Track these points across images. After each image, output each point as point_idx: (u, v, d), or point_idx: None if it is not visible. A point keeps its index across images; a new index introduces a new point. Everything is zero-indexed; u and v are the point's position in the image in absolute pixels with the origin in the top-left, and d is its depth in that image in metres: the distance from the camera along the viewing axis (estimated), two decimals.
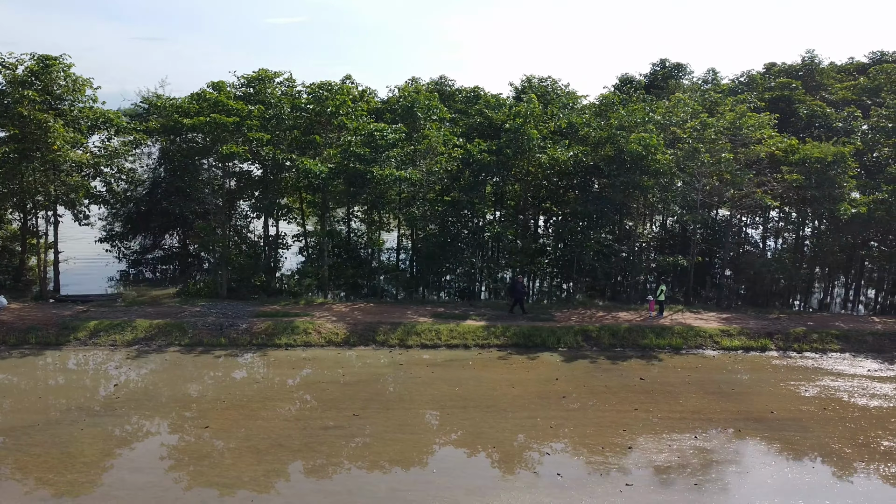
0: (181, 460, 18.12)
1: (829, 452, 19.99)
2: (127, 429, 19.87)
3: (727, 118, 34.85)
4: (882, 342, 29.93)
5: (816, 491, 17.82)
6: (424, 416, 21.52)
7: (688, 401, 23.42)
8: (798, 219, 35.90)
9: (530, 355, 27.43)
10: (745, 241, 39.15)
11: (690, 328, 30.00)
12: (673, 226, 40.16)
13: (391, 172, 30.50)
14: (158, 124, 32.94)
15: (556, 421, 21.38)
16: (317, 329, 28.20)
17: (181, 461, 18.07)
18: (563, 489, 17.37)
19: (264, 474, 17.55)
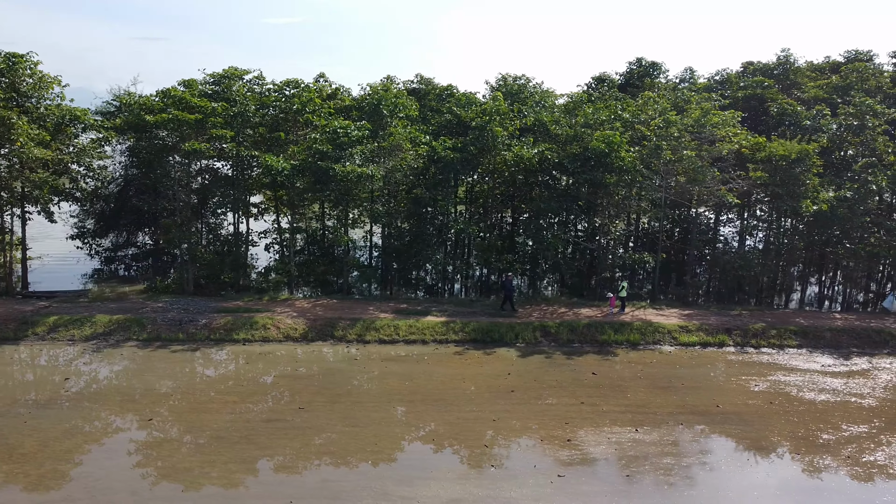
0: (117, 451, 18.31)
1: (766, 445, 20.18)
2: (70, 421, 20.04)
3: (693, 116, 35.04)
4: (839, 338, 30.12)
5: (745, 482, 18.02)
6: (370, 409, 21.69)
7: (635, 395, 23.60)
8: (763, 216, 36.02)
9: (487, 350, 27.61)
10: (714, 239, 39.26)
11: (650, 324, 30.17)
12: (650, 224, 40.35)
13: (353, 169, 30.68)
14: (122, 121, 33.12)
15: (501, 414, 21.57)
16: (276, 324, 28.39)
17: (117, 452, 18.26)
18: (495, 480, 17.56)
19: (199, 465, 17.73)
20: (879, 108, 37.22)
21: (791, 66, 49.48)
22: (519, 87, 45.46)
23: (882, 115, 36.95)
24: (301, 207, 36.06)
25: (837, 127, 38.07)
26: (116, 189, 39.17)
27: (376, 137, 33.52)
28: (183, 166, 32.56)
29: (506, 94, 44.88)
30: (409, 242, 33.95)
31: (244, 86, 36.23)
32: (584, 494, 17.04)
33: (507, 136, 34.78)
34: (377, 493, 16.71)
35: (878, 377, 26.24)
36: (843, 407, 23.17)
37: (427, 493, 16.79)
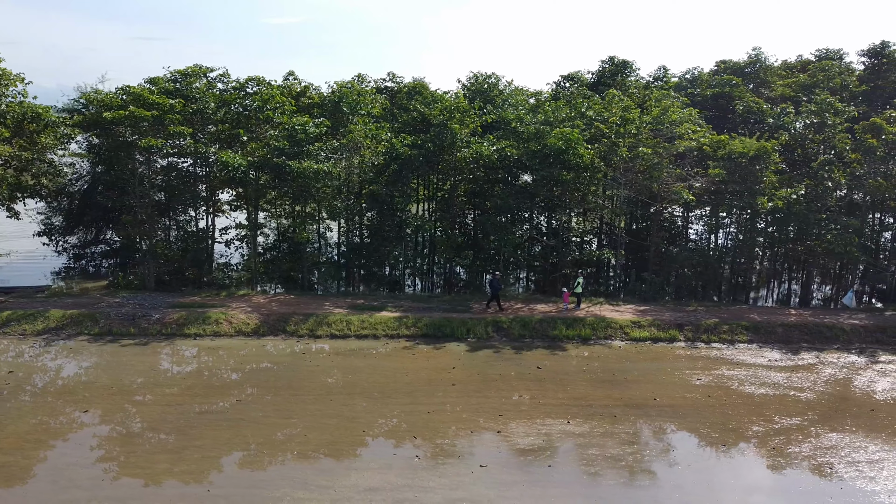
0: (45, 442, 18.54)
1: (694, 437, 20.42)
2: (8, 413, 20.25)
3: (653, 114, 35.27)
4: (791, 333, 30.33)
5: (666, 471, 18.25)
6: (307, 402, 21.92)
7: (575, 388, 23.82)
8: (722, 213, 36.23)
9: (437, 345, 27.83)
10: (679, 236, 39.50)
11: (603, 319, 30.39)
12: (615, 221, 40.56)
13: (310, 166, 30.91)
14: (80, 118, 33.34)
15: (436, 407, 21.79)
16: (228, 319, 28.61)
17: (45, 443, 18.49)
18: (416, 470, 17.78)
19: (123, 455, 17.97)
20: (840, 106, 37.42)
21: (762, 64, 49.72)
22: (488, 85, 45.62)
23: (842, 112, 37.14)
24: (264, 204, 36.27)
25: (800, 125, 38.25)
26: (84, 186, 39.42)
27: (336, 135, 33.76)
28: (143, 163, 32.77)
29: (475, 91, 45.18)
30: (369, 239, 34.16)
31: (208, 83, 36.45)
32: (502, 483, 17.26)
33: (469, 134, 35.01)
34: (296, 483, 16.93)
35: (822, 371, 26.46)
36: (780, 400, 23.39)
37: (346, 483, 17.01)
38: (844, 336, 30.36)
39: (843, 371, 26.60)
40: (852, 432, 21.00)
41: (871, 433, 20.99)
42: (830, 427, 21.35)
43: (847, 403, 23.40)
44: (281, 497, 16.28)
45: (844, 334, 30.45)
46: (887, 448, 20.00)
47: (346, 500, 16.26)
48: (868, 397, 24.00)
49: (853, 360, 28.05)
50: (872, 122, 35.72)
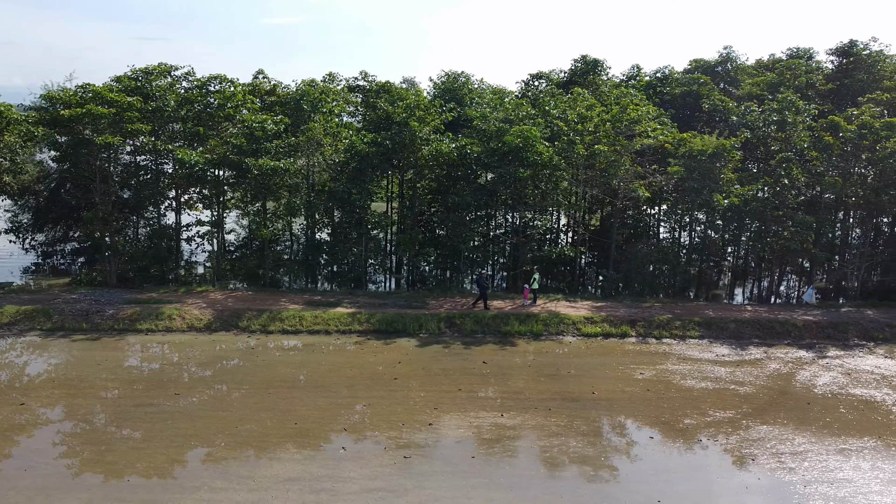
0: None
1: (623, 429, 20.66)
2: None
3: (612, 112, 35.49)
4: (743, 329, 30.55)
5: (589, 461, 18.47)
6: (246, 395, 22.15)
7: (516, 383, 24.05)
8: (680, 211, 36.45)
9: (387, 341, 28.04)
10: (643, 233, 39.72)
11: (556, 315, 30.60)
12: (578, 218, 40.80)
13: (266, 163, 31.14)
14: (41, 116, 33.58)
15: (374, 400, 22.01)
16: (181, 315, 28.83)
17: None
18: (339, 461, 18.01)
19: (51, 447, 18.19)
20: (801, 104, 37.64)
21: (733, 63, 50.00)
22: (458, 83, 45.90)
23: (803, 110, 37.36)
24: (234, 202, 36.50)
25: (763, 123, 38.43)
26: (52, 184, 39.68)
27: (297, 132, 33.98)
28: (105, 160, 32.97)
29: (445, 90, 45.47)
30: (330, 236, 34.38)
31: (173, 81, 36.65)
32: (421, 474, 17.49)
33: (430, 132, 35.22)
34: (216, 473, 17.16)
35: (767, 366, 26.69)
36: (718, 394, 23.61)
37: (266, 473, 17.23)
38: (796, 332, 30.58)
39: (787, 366, 26.83)
40: (783, 425, 21.24)
41: (801, 426, 21.22)
42: (762, 420, 21.58)
43: (784, 397, 23.64)
44: (199, 486, 16.51)
45: (796, 330, 30.68)
46: (813, 440, 20.23)
47: (264, 489, 16.48)
48: (807, 391, 24.24)
49: (800, 355, 28.28)
50: (830, 119, 35.96)
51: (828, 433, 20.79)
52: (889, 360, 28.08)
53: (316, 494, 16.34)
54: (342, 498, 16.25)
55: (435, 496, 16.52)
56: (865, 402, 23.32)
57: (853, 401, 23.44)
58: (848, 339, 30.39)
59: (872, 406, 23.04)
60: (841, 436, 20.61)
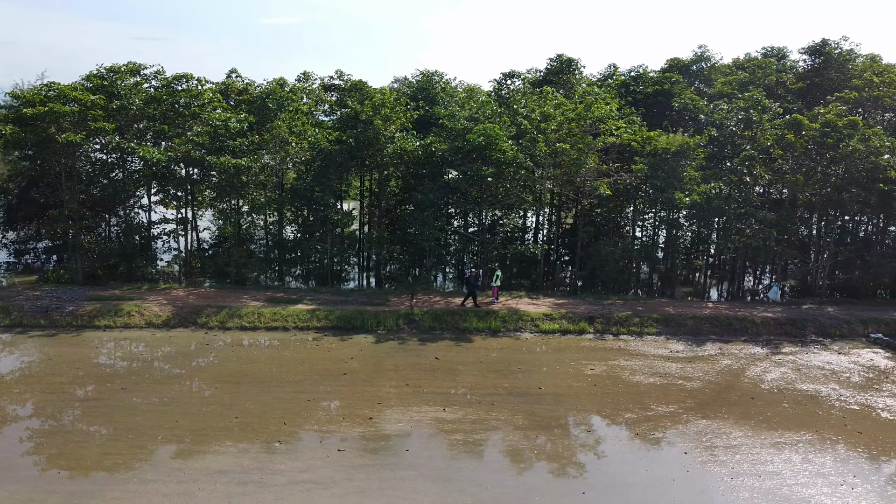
0: None
1: (562, 423, 20.82)
2: None
3: (577, 110, 35.66)
4: (700, 325, 30.76)
5: (522, 454, 18.66)
6: (193, 390, 22.34)
7: (465, 378, 24.23)
8: (645, 209, 36.62)
9: (344, 337, 28.23)
10: (610, 232, 39.89)
11: (516, 312, 30.81)
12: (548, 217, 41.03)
13: (228, 160, 31.34)
14: (3, 114, 33.77)
15: (319, 395, 22.20)
16: (140, 312, 29.01)
17: None
18: (273, 454, 18.18)
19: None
20: (767, 103, 37.83)
21: (707, 61, 50.19)
22: (431, 82, 46.06)
23: (769, 109, 37.55)
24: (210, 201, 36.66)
25: (730, 121, 38.61)
26: (23, 182, 39.86)
27: (261, 130, 34.18)
28: (68, 159, 33.15)
29: (419, 89, 45.67)
30: (296, 234, 34.57)
31: (144, 79, 36.86)
32: (352, 466, 17.66)
33: (396, 130, 35.41)
34: (149, 465, 17.32)
35: (719, 362, 26.89)
36: (664, 389, 23.80)
37: (198, 465, 17.40)
38: (754, 328, 30.80)
39: (739, 362, 27.03)
40: (722, 419, 21.43)
41: (741, 420, 21.42)
42: (703, 414, 21.77)
43: (730, 392, 23.83)
44: (128, 479, 16.68)
45: (754, 327, 30.89)
46: (750, 434, 20.43)
47: (192, 481, 16.65)
48: (754, 387, 24.43)
49: (755, 351, 28.49)
50: (794, 118, 36.16)
51: (766, 427, 20.98)
52: (842, 356, 28.30)
53: (243, 486, 16.52)
54: (268, 490, 16.43)
55: (361, 488, 16.69)
56: (810, 397, 23.53)
57: (798, 396, 23.65)
58: (805, 336, 30.63)
59: (816, 401, 23.24)
60: (778, 430, 20.81)
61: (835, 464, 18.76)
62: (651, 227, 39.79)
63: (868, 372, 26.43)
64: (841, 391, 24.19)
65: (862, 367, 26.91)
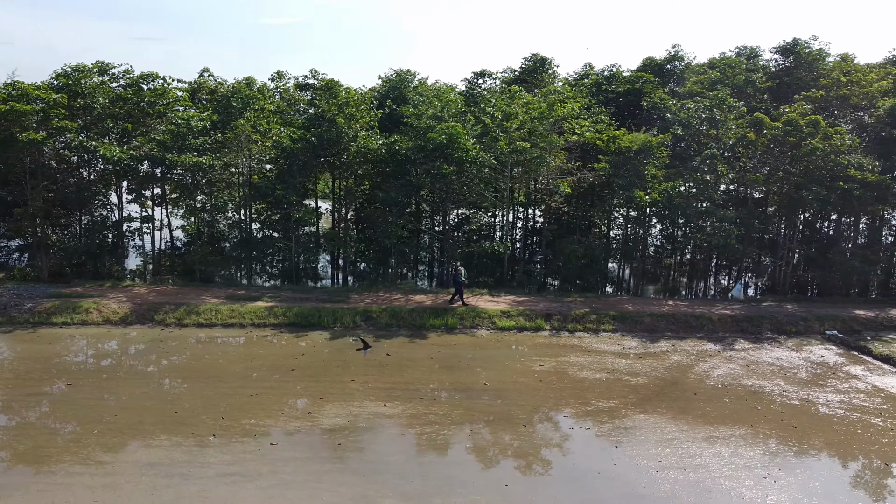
0: None
1: (499, 418, 21.00)
2: None
3: (541, 109, 35.87)
4: (657, 323, 30.97)
5: (453, 448, 18.87)
6: (138, 385, 22.52)
7: (412, 374, 24.43)
8: (608, 207, 36.82)
9: (299, 334, 28.44)
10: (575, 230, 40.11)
11: (474, 309, 31.01)
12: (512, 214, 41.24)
13: (189, 158, 31.55)
14: None
15: (263, 391, 22.40)
16: (98, 309, 29.22)
17: None
18: (205, 447, 18.37)
19: None
20: (731, 101, 38.06)
21: (680, 61, 50.40)
22: (404, 81, 46.29)
23: (733, 108, 37.76)
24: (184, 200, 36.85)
25: (695, 120, 38.83)
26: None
27: (225, 129, 34.39)
28: (32, 157, 33.36)
29: (391, 87, 45.89)
30: (261, 232, 34.80)
31: (112, 78, 37.04)
32: (281, 460, 17.87)
33: (361, 128, 35.62)
34: (79, 458, 17.52)
35: (669, 358, 27.10)
36: (609, 385, 24.01)
37: (128, 459, 17.61)
38: (710, 326, 31.02)
39: (690, 358, 27.25)
40: (660, 414, 21.65)
41: (679, 415, 21.63)
42: (642, 409, 21.98)
43: (674, 388, 24.04)
44: (56, 471, 16.88)
45: (710, 324, 31.11)
46: (685, 429, 20.65)
47: (119, 474, 16.85)
48: (699, 382, 24.65)
49: (707, 347, 28.71)
50: (756, 117, 36.39)
51: (702, 422, 21.20)
52: (793, 352, 28.52)
53: (168, 479, 16.72)
54: (193, 482, 16.63)
55: (286, 480, 16.91)
56: (752, 393, 23.74)
57: (741, 391, 23.86)
58: (760, 333, 30.85)
59: (758, 396, 23.45)
60: (714, 424, 21.02)
61: (763, 457, 18.98)
62: (619, 225, 40.03)
63: (816, 368, 26.66)
64: (785, 387, 24.40)
65: (811, 364, 27.14)
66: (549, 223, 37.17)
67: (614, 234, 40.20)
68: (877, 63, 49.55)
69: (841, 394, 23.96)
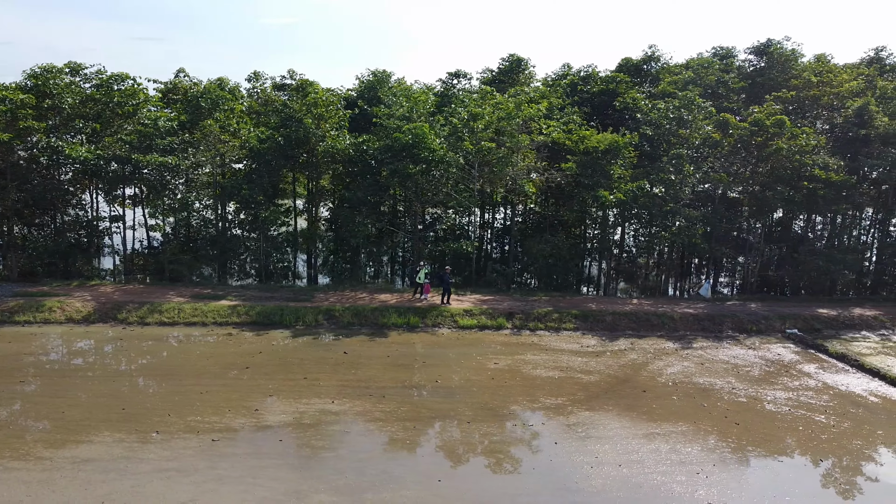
0: None
1: (444, 415, 21.23)
2: None
3: (509, 109, 36.09)
4: (619, 321, 31.20)
5: (392, 444, 19.09)
6: (93, 382, 22.73)
7: (366, 372, 24.65)
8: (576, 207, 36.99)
9: (260, 332, 28.66)
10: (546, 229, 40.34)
11: (437, 308, 31.24)
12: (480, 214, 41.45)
13: (154, 158, 31.78)
14: None
15: (214, 388, 22.60)
16: (62, 307, 29.44)
17: None
18: (147, 443, 18.59)
19: None
20: (700, 101, 38.28)
21: (657, 61, 50.61)
22: (381, 82, 46.52)
23: (702, 108, 37.99)
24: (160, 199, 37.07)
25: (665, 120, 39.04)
26: None
27: (193, 129, 34.64)
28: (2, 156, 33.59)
29: (366, 88, 46.14)
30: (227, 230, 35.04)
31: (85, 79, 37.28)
32: (220, 455, 18.08)
33: (330, 128, 35.86)
34: (20, 454, 17.73)
35: (626, 356, 27.32)
36: (560, 382, 24.22)
37: (68, 455, 17.81)
38: (671, 324, 31.25)
39: (646, 356, 27.47)
40: (606, 411, 21.88)
41: (624, 412, 21.85)
42: (589, 407, 22.21)
43: (625, 385, 24.26)
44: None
45: (672, 322, 31.35)
46: (627, 426, 20.87)
47: (57, 469, 17.06)
48: (651, 380, 24.87)
49: (665, 346, 28.94)
50: (722, 117, 36.62)
51: (646, 419, 21.42)
52: (751, 350, 28.75)
53: (105, 474, 16.94)
54: (129, 477, 16.85)
55: (221, 475, 17.12)
56: (702, 390, 23.97)
57: (691, 389, 24.09)
58: (721, 331, 31.08)
59: (707, 394, 23.68)
60: (657, 421, 21.24)
61: (700, 454, 19.20)
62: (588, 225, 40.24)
63: (770, 366, 26.89)
64: (736, 384, 24.63)
65: (766, 362, 27.37)
66: (522, 223, 37.38)
67: (589, 234, 40.43)
68: (852, 63, 49.80)
69: (790, 391, 24.19)
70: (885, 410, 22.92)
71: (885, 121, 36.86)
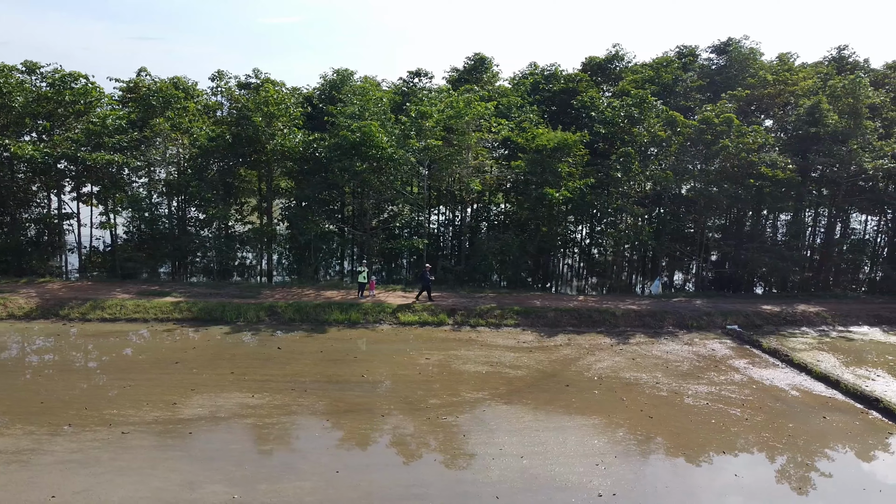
0: None
1: (361, 409, 21.45)
2: None
3: (458, 107, 36.35)
4: (561, 317, 31.45)
5: (306, 435, 19.33)
6: (14, 377, 22.95)
7: (294, 367, 24.88)
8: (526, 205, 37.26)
9: (199, 328, 28.90)
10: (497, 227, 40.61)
11: (380, 305, 31.49)
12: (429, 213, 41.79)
13: (101, 156, 32.02)
14: None
15: (138, 383, 22.82)
16: (5, 304, 29.66)
17: None
18: (56, 436, 18.77)
19: None
20: (652, 100, 38.55)
21: (620, 60, 50.92)
22: (345, 81, 46.82)
23: (652, 107, 38.25)
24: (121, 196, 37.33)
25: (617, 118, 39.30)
26: None
27: (144, 128, 34.87)
28: None
29: (328, 86, 46.43)
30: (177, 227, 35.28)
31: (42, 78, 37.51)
32: (125, 448, 18.28)
33: (282, 126, 36.10)
34: None
35: (559, 352, 27.57)
36: (486, 377, 24.45)
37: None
38: (613, 320, 31.51)
39: (580, 352, 27.71)
40: (524, 405, 22.11)
41: (542, 406, 22.09)
42: (508, 401, 22.44)
43: (549, 380, 24.49)
44: None
45: (613, 318, 31.61)
46: (541, 419, 21.10)
47: None
48: (577, 375, 25.10)
49: (602, 341, 29.18)
50: (670, 115, 36.87)
51: (562, 412, 21.66)
52: (686, 346, 29.01)
53: (5, 466, 17.16)
54: (30, 469, 17.07)
55: (121, 467, 17.34)
56: (626, 385, 24.21)
57: (615, 383, 24.33)
58: (662, 327, 31.34)
59: (630, 388, 23.92)
60: (572, 415, 21.49)
61: (606, 445, 19.44)
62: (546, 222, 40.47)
63: (701, 361, 27.14)
64: (661, 379, 24.88)
65: (698, 357, 27.62)
66: (473, 221, 37.62)
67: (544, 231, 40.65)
68: (815, 62, 50.10)
69: (713, 385, 24.44)
70: (803, 404, 23.18)
71: (836, 119, 37.12)
